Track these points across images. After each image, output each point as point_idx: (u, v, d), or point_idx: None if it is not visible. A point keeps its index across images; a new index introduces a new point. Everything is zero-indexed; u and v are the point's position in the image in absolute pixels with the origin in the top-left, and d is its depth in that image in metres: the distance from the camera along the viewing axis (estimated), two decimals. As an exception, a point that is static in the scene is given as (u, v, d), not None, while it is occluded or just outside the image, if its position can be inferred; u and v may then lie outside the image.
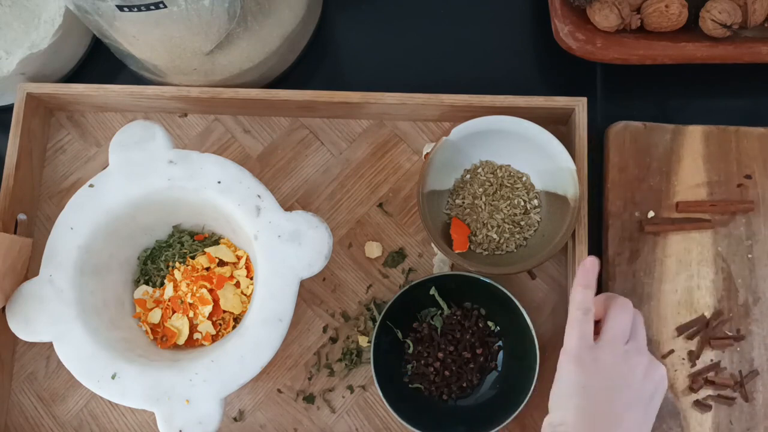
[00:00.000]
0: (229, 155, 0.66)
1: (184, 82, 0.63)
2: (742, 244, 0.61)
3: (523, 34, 0.69)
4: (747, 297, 0.60)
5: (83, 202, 0.56)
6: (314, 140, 0.66)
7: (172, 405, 0.52)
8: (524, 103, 0.61)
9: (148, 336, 0.60)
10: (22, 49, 0.63)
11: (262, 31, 0.60)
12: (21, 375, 0.62)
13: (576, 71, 0.67)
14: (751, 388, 0.59)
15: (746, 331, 0.60)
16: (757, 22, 0.62)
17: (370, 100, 0.62)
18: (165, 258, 0.61)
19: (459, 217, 0.61)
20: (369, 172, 0.65)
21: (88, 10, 0.53)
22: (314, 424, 0.61)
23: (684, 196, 0.62)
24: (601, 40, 0.62)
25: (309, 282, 0.63)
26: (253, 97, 0.62)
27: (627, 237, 0.61)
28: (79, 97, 0.64)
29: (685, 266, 0.61)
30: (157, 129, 0.57)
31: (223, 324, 0.60)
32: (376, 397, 0.61)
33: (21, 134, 0.62)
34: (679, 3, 0.61)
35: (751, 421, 0.58)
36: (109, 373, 0.53)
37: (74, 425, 0.62)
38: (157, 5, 0.51)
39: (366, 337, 0.62)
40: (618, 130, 0.63)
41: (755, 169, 0.63)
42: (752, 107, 0.66)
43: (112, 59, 0.65)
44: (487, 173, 0.62)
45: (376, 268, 0.63)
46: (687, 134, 0.63)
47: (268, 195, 0.56)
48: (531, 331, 0.57)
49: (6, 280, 0.56)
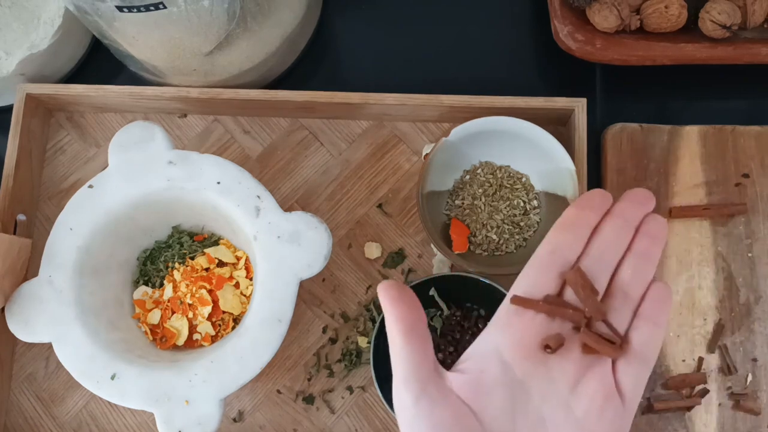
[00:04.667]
0: (229, 156, 0.66)
1: (184, 82, 0.63)
2: (742, 243, 0.61)
3: (522, 34, 0.69)
4: (748, 296, 0.60)
5: (83, 202, 0.56)
6: (314, 141, 0.66)
7: (172, 406, 0.52)
8: (524, 104, 0.61)
9: (147, 337, 0.59)
10: (21, 50, 0.63)
11: (262, 32, 0.60)
12: (20, 375, 0.62)
13: (575, 72, 0.67)
14: (754, 387, 0.59)
15: (748, 330, 0.60)
16: (757, 23, 0.62)
17: (369, 100, 0.62)
18: (164, 259, 0.61)
19: (458, 218, 0.61)
20: (368, 173, 0.65)
21: (87, 10, 0.53)
22: (314, 425, 0.61)
23: (682, 197, 0.62)
24: (601, 41, 0.62)
25: (308, 282, 0.63)
26: (252, 97, 0.62)
27: (627, 238, 0.61)
28: (79, 98, 0.64)
29: (686, 267, 0.61)
30: (156, 130, 0.57)
31: (222, 325, 0.60)
32: (375, 398, 0.61)
33: (20, 135, 0.62)
34: (678, 4, 0.61)
35: (755, 420, 0.58)
36: (108, 373, 0.53)
37: (73, 426, 0.62)
38: (157, 6, 0.51)
39: (365, 337, 0.62)
40: (615, 132, 0.64)
41: (752, 167, 0.63)
42: (752, 108, 0.66)
43: (111, 60, 0.65)
44: (486, 174, 0.62)
45: (375, 269, 0.63)
46: (684, 135, 0.63)
47: (268, 196, 0.56)
48: (531, 331, 0.56)
49: (5, 281, 0.56)
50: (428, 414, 0.35)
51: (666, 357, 0.59)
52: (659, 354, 0.59)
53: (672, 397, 0.58)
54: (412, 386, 0.35)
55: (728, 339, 0.59)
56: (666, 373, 0.59)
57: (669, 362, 0.59)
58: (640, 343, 0.36)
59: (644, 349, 0.36)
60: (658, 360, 0.59)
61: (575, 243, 0.38)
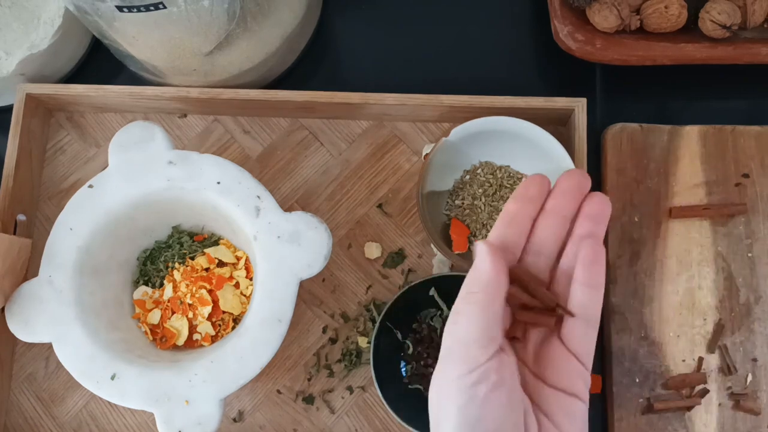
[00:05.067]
0: (229, 156, 0.66)
1: (184, 82, 0.63)
2: (742, 242, 0.61)
3: (522, 34, 0.69)
4: (748, 296, 0.60)
5: (83, 202, 0.56)
6: (314, 141, 0.66)
7: (172, 406, 0.52)
8: (524, 104, 0.61)
9: (147, 337, 0.59)
10: (21, 50, 0.63)
11: (262, 32, 0.60)
12: (20, 376, 0.62)
13: (575, 72, 0.67)
14: (754, 387, 0.59)
15: (748, 330, 0.60)
16: (757, 23, 0.62)
17: (369, 100, 0.62)
18: (164, 259, 0.61)
19: (458, 218, 0.61)
20: (368, 173, 0.65)
21: (87, 10, 0.53)
22: (314, 425, 0.61)
23: (682, 197, 0.62)
24: (601, 41, 0.62)
25: (308, 282, 0.63)
26: (252, 97, 0.62)
27: (627, 239, 0.61)
28: (79, 98, 0.64)
29: (686, 267, 0.61)
30: (156, 130, 0.57)
31: (222, 325, 0.60)
32: (375, 398, 0.61)
33: (20, 135, 0.62)
34: (678, 4, 0.61)
35: (755, 420, 0.58)
36: (108, 373, 0.53)
37: (73, 426, 0.62)
38: (157, 6, 0.51)
39: (365, 337, 0.62)
40: (615, 132, 0.64)
41: (752, 167, 0.63)
42: (752, 108, 0.66)
43: (111, 60, 0.65)
44: (486, 174, 0.62)
45: (375, 269, 0.63)
46: (684, 135, 0.63)
47: (268, 196, 0.55)
48: (531, 331, 0.56)
49: (5, 281, 0.56)
50: (498, 382, 0.35)
51: (666, 357, 0.59)
52: (659, 354, 0.59)
53: (672, 397, 0.58)
54: (488, 345, 0.35)
55: (728, 339, 0.59)
56: (666, 373, 0.59)
57: (669, 362, 0.59)
58: (580, 306, 0.37)
59: (585, 311, 0.37)
60: (659, 360, 0.59)
61: (519, 238, 0.39)
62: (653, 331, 0.60)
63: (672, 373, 0.59)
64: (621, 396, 0.59)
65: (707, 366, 0.59)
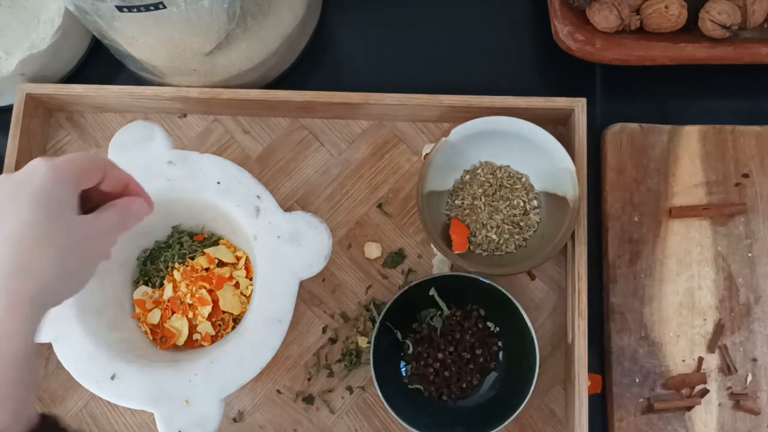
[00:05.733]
0: (229, 156, 0.66)
1: (184, 82, 0.63)
2: (742, 242, 0.61)
3: (522, 34, 0.69)
4: (748, 296, 0.60)
5: (82, 202, 0.56)
6: (314, 141, 0.66)
7: (172, 406, 0.52)
8: (524, 104, 0.61)
9: (147, 337, 0.59)
10: (21, 50, 0.63)
11: (262, 32, 0.60)
12: (20, 376, 0.62)
13: (575, 72, 0.67)
14: (754, 387, 0.59)
15: (748, 330, 0.60)
16: (757, 23, 0.62)
17: (369, 100, 0.62)
18: (164, 259, 0.61)
19: (458, 218, 0.61)
20: (368, 173, 0.65)
21: (87, 10, 0.53)
22: (314, 425, 0.61)
23: (682, 196, 0.62)
24: (601, 41, 0.62)
25: (308, 282, 0.63)
26: (252, 97, 0.62)
27: (627, 239, 0.61)
28: (79, 98, 0.64)
29: (686, 267, 0.61)
30: (156, 129, 0.57)
31: (222, 325, 0.60)
32: (375, 398, 0.61)
33: (20, 134, 0.62)
34: (678, 4, 0.61)
35: (755, 420, 0.58)
36: (108, 373, 0.53)
37: (74, 426, 0.61)
38: (157, 6, 0.51)
39: (365, 337, 0.62)
40: (615, 132, 0.64)
41: (752, 167, 0.63)
42: (752, 108, 0.66)
43: (111, 60, 0.65)
44: (486, 174, 0.62)
45: (375, 269, 0.63)
46: (683, 135, 0.63)
47: (268, 195, 0.55)
48: (531, 331, 0.56)
49: (5, 281, 0.56)
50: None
51: (666, 357, 0.59)
52: (659, 354, 0.59)
53: (672, 397, 0.58)
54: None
55: (728, 339, 0.60)
56: (666, 373, 0.59)
57: (669, 362, 0.59)
58: None
59: None
60: (659, 360, 0.59)
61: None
62: (653, 331, 0.60)
63: (672, 373, 0.59)
64: (621, 396, 0.59)
65: (707, 366, 0.59)
